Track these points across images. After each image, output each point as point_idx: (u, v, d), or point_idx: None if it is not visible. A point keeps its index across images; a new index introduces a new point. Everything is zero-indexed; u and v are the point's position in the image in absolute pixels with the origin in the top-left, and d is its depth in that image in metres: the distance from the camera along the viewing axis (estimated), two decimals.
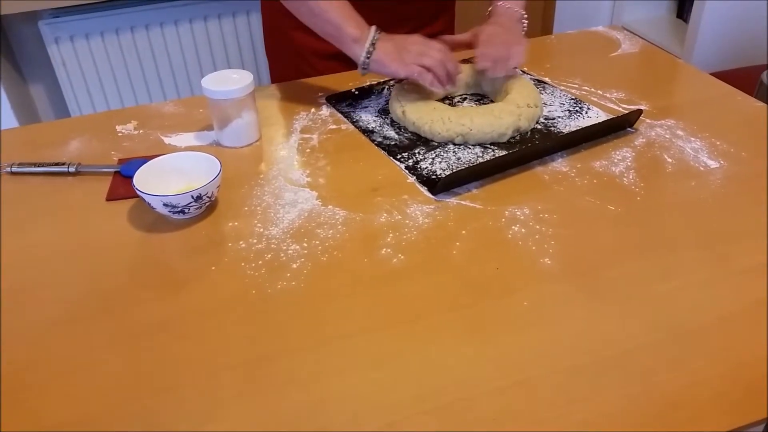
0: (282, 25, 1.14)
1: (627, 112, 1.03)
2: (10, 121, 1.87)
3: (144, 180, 0.83)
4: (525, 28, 1.14)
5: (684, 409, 0.59)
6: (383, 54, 1.01)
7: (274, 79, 1.34)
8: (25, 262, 0.80)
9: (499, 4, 1.15)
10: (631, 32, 1.38)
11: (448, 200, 0.87)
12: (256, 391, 0.62)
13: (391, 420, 0.59)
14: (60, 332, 0.69)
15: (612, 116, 1.04)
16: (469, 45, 1.12)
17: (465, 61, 1.20)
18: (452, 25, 1.37)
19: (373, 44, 1.00)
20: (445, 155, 0.97)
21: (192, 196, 0.81)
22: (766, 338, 0.66)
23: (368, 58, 1.01)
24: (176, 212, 0.82)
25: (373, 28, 1.02)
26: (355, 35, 1.01)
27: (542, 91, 1.13)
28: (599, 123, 1.01)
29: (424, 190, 0.89)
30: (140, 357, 0.66)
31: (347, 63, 1.16)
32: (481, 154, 0.96)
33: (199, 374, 0.64)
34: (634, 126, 1.03)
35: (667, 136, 1.00)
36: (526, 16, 1.14)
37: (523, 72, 1.21)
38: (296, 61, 1.18)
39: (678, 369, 0.63)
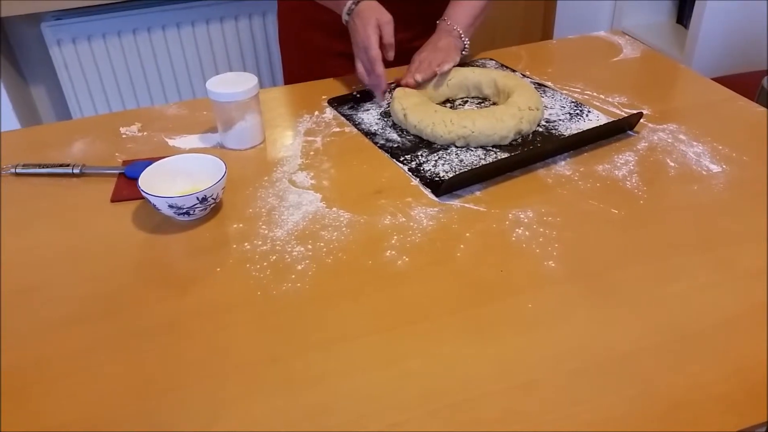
0: (294, 23, 1.16)
1: (628, 115, 1.04)
2: (11, 122, 1.87)
3: (149, 181, 0.83)
4: (466, 47, 1.17)
5: (687, 411, 0.59)
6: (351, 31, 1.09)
7: (287, 75, 1.35)
8: (29, 262, 0.80)
9: (444, 19, 1.18)
10: (632, 37, 1.38)
11: (451, 203, 0.87)
12: (260, 392, 0.62)
13: (395, 421, 0.59)
14: (64, 332, 0.70)
15: (613, 119, 1.05)
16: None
17: (465, 64, 1.21)
18: None
19: (348, 13, 1.08)
20: (447, 157, 0.97)
21: (197, 198, 0.81)
22: None
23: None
24: (181, 214, 0.83)
25: (348, 5, 1.08)
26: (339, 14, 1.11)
27: (543, 95, 1.14)
28: (601, 125, 1.02)
29: (427, 192, 0.90)
30: (144, 358, 0.66)
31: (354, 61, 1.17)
32: (483, 157, 0.97)
33: (204, 375, 0.64)
34: (635, 129, 1.03)
35: (669, 141, 1.00)
36: (464, 35, 1.17)
37: (524, 76, 1.21)
38: (307, 58, 1.20)
39: (681, 371, 0.63)
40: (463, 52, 1.16)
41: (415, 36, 1.26)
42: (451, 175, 0.92)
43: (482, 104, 1.14)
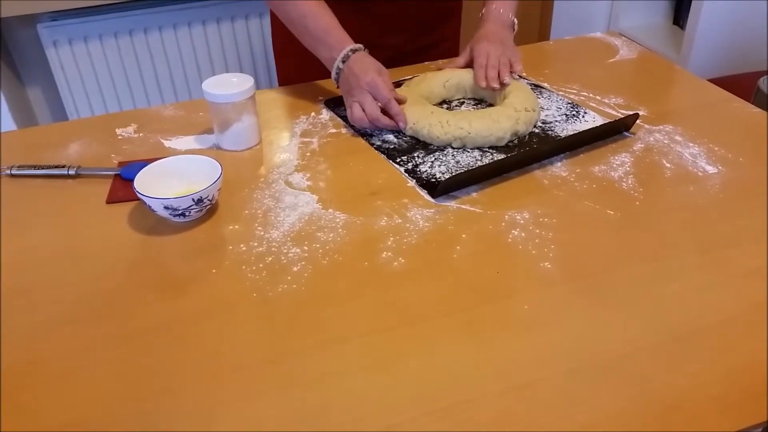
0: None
1: (624, 116, 1.04)
2: (8, 124, 1.86)
3: (145, 183, 0.83)
4: (515, 31, 1.17)
5: (683, 411, 0.59)
6: (342, 81, 1.06)
7: (281, 78, 1.35)
8: (25, 263, 0.79)
9: (492, 7, 1.16)
10: (628, 38, 1.39)
11: (448, 204, 0.87)
12: (256, 393, 0.62)
13: (391, 422, 0.59)
14: (60, 334, 0.69)
15: (609, 120, 1.05)
16: (468, 64, 1.15)
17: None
18: (458, 31, 1.37)
19: (340, 67, 1.05)
20: (444, 159, 0.97)
21: (193, 199, 0.81)
22: (766, 341, 0.66)
23: (338, 81, 1.07)
24: (177, 215, 0.82)
25: (344, 51, 1.04)
26: (326, 57, 1.07)
27: (539, 96, 1.14)
28: (597, 126, 1.02)
29: (424, 193, 0.89)
30: (140, 359, 0.66)
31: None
32: (479, 158, 0.97)
33: (200, 377, 0.64)
34: (632, 130, 1.04)
35: (665, 142, 1.00)
36: (516, 21, 1.17)
37: (521, 77, 1.21)
38: (301, 61, 1.20)
39: (677, 372, 0.63)
40: None
41: (411, 39, 1.26)
42: (447, 177, 0.92)
43: (479, 105, 1.14)
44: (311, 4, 1.07)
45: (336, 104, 1.13)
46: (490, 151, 0.99)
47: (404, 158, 0.98)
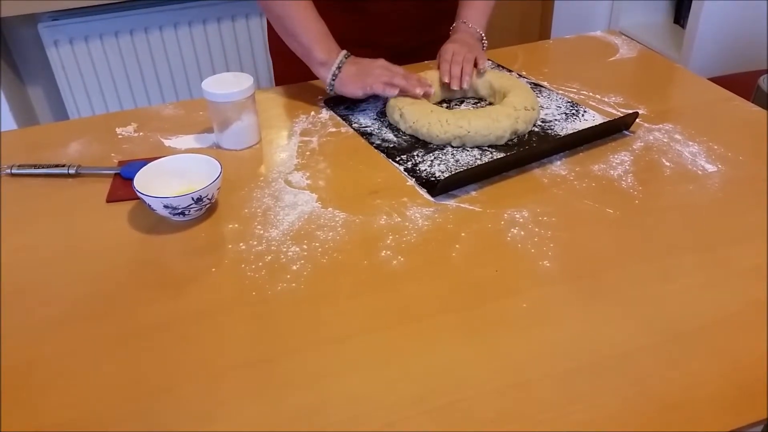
0: None
1: (623, 114, 1.04)
2: (8, 123, 1.87)
3: (144, 182, 0.83)
4: (485, 47, 1.21)
5: (682, 410, 0.59)
6: (345, 76, 1.08)
7: (278, 79, 1.35)
8: (25, 263, 0.80)
9: (461, 21, 1.21)
10: (628, 37, 1.39)
11: (447, 203, 0.87)
12: (255, 392, 0.62)
13: (390, 420, 0.59)
14: (60, 333, 0.69)
15: (608, 119, 1.05)
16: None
17: None
18: None
19: (339, 67, 1.07)
20: (443, 157, 0.97)
21: (192, 198, 0.81)
22: (765, 340, 0.66)
23: (333, 80, 1.08)
24: (176, 214, 0.82)
25: (343, 52, 1.08)
26: (322, 59, 1.08)
27: (539, 95, 1.14)
28: (596, 125, 1.02)
29: (423, 192, 0.90)
30: (140, 358, 0.66)
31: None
32: (479, 157, 0.97)
33: (199, 375, 0.64)
34: (631, 129, 1.04)
35: (665, 140, 1.00)
36: (485, 37, 1.21)
37: (521, 76, 1.21)
38: (298, 61, 1.21)
39: (676, 370, 0.63)
40: None
41: (409, 38, 1.26)
42: (446, 175, 0.92)
43: (478, 104, 1.14)
44: (298, 7, 1.07)
45: (336, 103, 1.13)
46: (490, 149, 0.99)
47: (404, 157, 0.98)
